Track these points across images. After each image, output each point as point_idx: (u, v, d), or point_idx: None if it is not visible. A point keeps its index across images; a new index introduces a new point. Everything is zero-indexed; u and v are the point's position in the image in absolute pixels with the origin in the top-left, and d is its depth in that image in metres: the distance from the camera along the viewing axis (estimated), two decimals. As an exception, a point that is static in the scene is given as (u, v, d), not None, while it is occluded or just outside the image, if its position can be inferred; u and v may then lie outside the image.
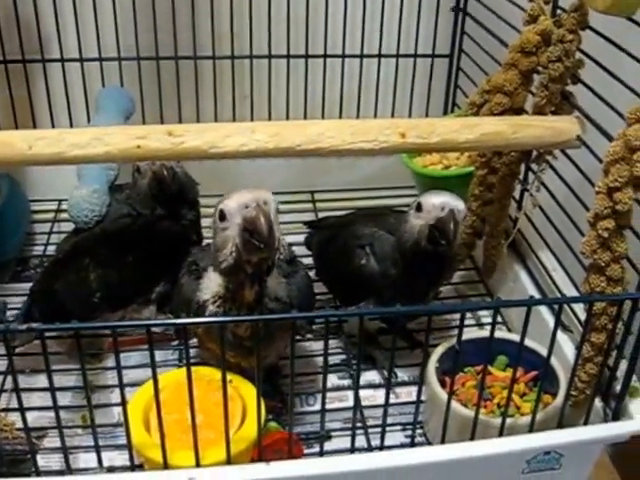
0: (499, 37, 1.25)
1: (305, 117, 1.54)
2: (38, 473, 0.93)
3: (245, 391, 0.98)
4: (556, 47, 1.01)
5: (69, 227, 1.29)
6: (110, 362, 1.20)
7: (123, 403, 0.83)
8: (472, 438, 0.89)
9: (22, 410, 0.83)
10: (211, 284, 0.98)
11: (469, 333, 1.11)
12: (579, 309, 1.03)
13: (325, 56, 1.49)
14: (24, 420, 0.83)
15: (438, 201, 1.02)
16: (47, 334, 0.79)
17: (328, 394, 1.13)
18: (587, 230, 0.89)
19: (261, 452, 0.87)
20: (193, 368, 1.02)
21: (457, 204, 1.02)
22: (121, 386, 0.81)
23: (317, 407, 1.12)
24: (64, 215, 1.49)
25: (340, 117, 1.55)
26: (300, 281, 1.03)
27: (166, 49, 1.44)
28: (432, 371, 1.02)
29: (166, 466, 0.85)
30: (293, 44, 1.48)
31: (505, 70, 1.10)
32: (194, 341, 1.08)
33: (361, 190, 1.61)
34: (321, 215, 1.48)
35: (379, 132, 0.96)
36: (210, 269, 0.99)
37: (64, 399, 1.12)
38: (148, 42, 1.43)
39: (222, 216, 0.90)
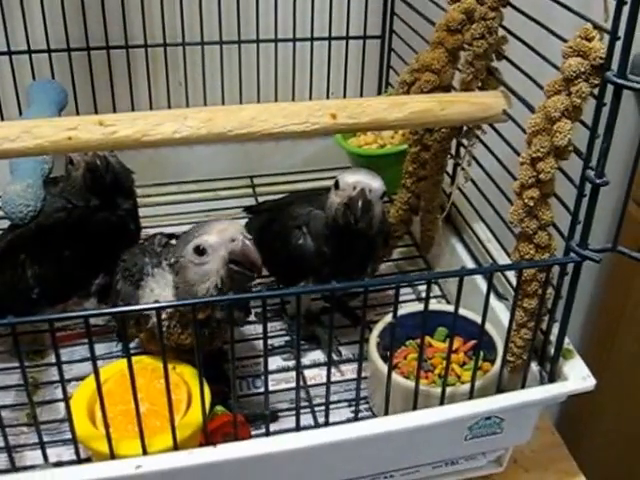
0: (428, 17, 1.27)
1: (241, 102, 1.54)
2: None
3: (189, 377, 0.98)
4: (479, 24, 1.03)
5: (4, 225, 1.27)
6: (54, 358, 1.19)
7: (65, 398, 0.83)
8: (414, 409, 0.92)
9: None
10: (156, 297, 0.98)
11: (408, 307, 1.14)
12: (512, 277, 1.06)
13: (258, 41, 1.50)
14: None
15: (352, 180, 1.05)
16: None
17: (274, 376, 1.15)
18: (514, 200, 0.92)
19: (208, 436, 0.88)
20: (136, 358, 1.04)
21: (370, 182, 1.04)
22: (62, 381, 0.81)
23: (263, 389, 1.13)
24: (-1, 213, 1.49)
25: (276, 101, 1.55)
26: None
27: (97, 39, 1.43)
28: (373, 346, 1.04)
29: (113, 456, 0.85)
30: (225, 30, 1.47)
31: (432, 49, 1.12)
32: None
33: (300, 173, 1.62)
34: (261, 200, 1.49)
35: (310, 114, 0.97)
36: (148, 279, 0.99)
37: (7, 398, 1.11)
38: (78, 33, 1.41)
39: (201, 251, 0.92)
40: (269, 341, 1.20)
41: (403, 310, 1.09)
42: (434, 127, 1.15)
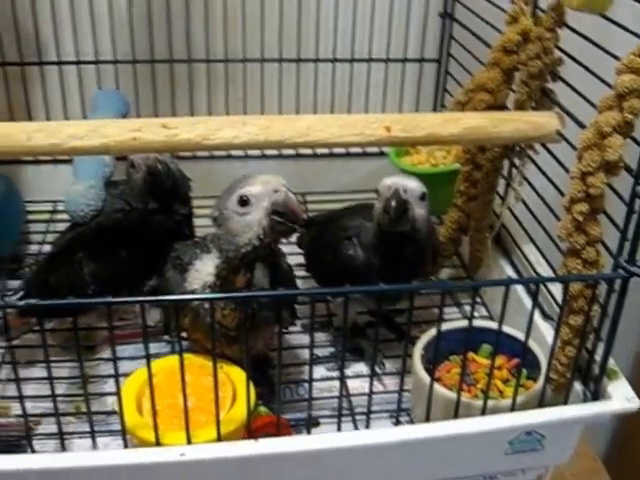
0: (484, 40, 1.29)
1: (297, 119, 1.57)
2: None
3: (235, 376, 1.01)
4: (535, 44, 1.05)
5: (64, 227, 1.32)
6: (103, 355, 1.23)
7: (118, 392, 0.87)
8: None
9: (21, 398, 0.86)
10: (200, 274, 1.02)
11: (453, 323, 1.14)
12: (559, 296, 1.06)
13: (316, 60, 1.54)
14: (23, 407, 0.87)
15: (387, 182, 1.08)
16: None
17: (317, 384, 1.17)
18: (563, 215, 0.92)
19: (251, 434, 0.90)
20: (185, 355, 1.07)
21: (405, 183, 1.06)
22: (116, 376, 0.86)
23: (306, 396, 1.15)
24: (59, 216, 1.53)
25: (331, 120, 1.59)
26: (283, 271, 1.07)
27: (161, 52, 1.48)
28: (417, 358, 1.05)
29: (158, 445, 0.88)
30: (285, 48, 1.52)
31: (488, 69, 1.14)
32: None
33: (352, 192, 1.64)
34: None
35: (365, 126, 0.99)
36: (195, 262, 1.03)
37: (58, 390, 1.14)
38: (144, 45, 1.47)
39: (244, 201, 0.95)
40: (314, 350, 1.21)
41: (448, 325, 1.10)
42: (487, 145, 1.16)
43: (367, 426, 0.96)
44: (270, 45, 1.51)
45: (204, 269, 1.01)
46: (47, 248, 1.44)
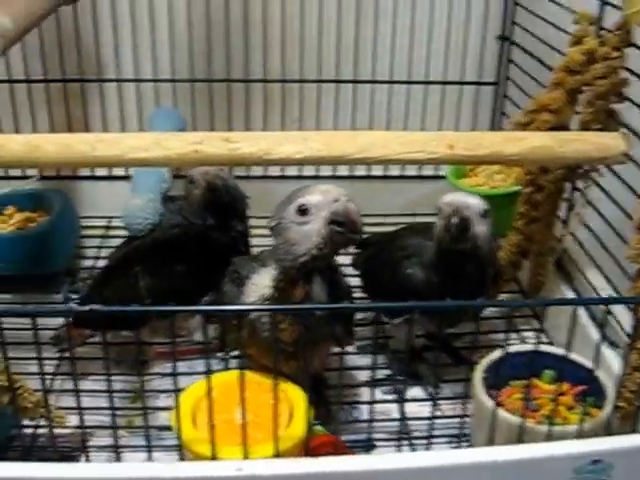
0: (545, 63, 1.27)
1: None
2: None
3: (293, 394, 0.99)
4: (602, 64, 1.03)
5: (118, 243, 1.33)
6: (155, 371, 1.23)
7: (177, 407, 0.85)
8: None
9: (80, 409, 0.86)
10: (257, 287, 1.01)
11: (515, 346, 1.11)
12: (626, 322, 1.03)
13: (372, 82, 1.54)
14: (81, 419, 0.87)
15: (448, 199, 1.07)
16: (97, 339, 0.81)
17: (374, 407, 1.14)
18: (632, 236, 0.89)
19: (308, 452, 0.88)
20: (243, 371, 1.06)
21: (466, 200, 1.06)
22: (176, 390, 0.86)
23: (361, 418, 1.13)
24: (113, 232, 1.55)
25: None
26: (341, 288, 1.05)
27: (219, 71, 1.50)
28: (478, 382, 1.02)
29: (214, 459, 0.87)
30: (342, 69, 1.52)
31: (551, 89, 1.12)
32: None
33: (407, 215, 1.63)
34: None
35: (426, 143, 0.98)
36: (253, 276, 1.02)
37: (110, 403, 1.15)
38: (202, 65, 1.49)
39: (303, 211, 0.94)
40: (370, 373, 1.19)
41: (510, 349, 1.07)
42: (549, 166, 1.14)
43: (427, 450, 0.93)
44: (327, 66, 1.52)
45: (261, 282, 1.00)
46: (101, 263, 1.45)
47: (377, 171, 1.63)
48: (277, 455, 0.86)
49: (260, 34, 1.48)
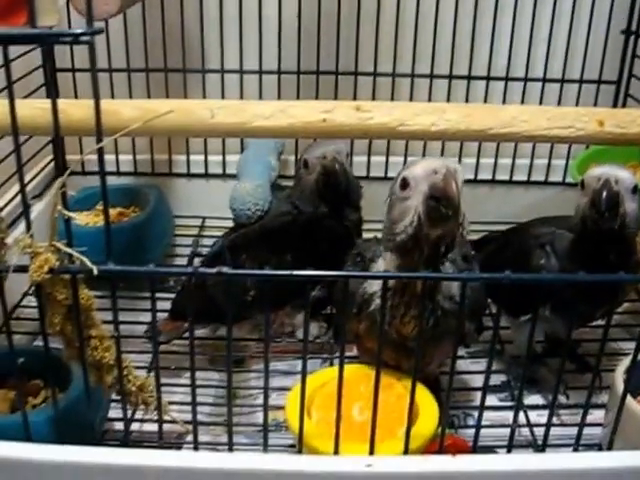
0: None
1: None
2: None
3: (417, 392, 0.90)
4: None
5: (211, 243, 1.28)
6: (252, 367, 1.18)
7: (302, 400, 0.79)
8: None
9: (194, 404, 0.79)
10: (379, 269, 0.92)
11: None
12: None
13: (488, 78, 1.46)
14: (194, 414, 0.80)
15: (596, 172, 0.96)
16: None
17: (489, 414, 1.06)
18: None
19: (442, 451, 0.80)
20: (358, 366, 0.98)
21: (616, 172, 0.94)
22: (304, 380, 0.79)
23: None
24: (207, 232, 1.49)
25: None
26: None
27: (327, 64, 1.44)
28: (620, 382, 0.91)
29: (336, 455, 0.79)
30: (456, 65, 1.45)
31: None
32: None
33: (513, 223, 1.54)
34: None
35: (576, 119, 0.89)
36: (378, 260, 0.93)
37: (207, 400, 1.10)
38: (309, 57, 1.43)
39: (404, 184, 0.85)
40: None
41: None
42: None
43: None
44: (440, 60, 1.45)
45: (383, 268, 0.92)
46: (195, 263, 1.39)
47: (484, 174, 1.55)
48: (405, 453, 0.79)
49: (373, 26, 1.42)
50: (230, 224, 1.22)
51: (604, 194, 0.92)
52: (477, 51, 1.44)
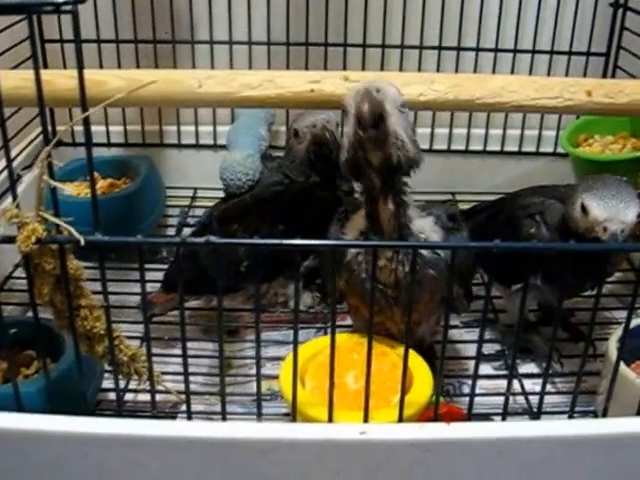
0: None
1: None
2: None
3: (411, 360, 0.91)
4: None
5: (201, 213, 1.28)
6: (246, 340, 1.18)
7: (295, 368, 0.79)
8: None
9: (186, 374, 0.80)
10: (354, 223, 0.93)
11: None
12: None
13: (477, 49, 1.45)
14: (187, 384, 0.81)
15: (602, 217, 0.92)
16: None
17: (484, 382, 1.07)
18: None
19: (437, 419, 0.81)
20: (352, 334, 0.98)
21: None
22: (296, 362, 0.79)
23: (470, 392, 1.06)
24: (199, 203, 1.49)
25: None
26: (461, 239, 0.96)
27: (316, 36, 1.43)
28: (613, 349, 0.93)
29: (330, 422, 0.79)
30: (444, 36, 1.45)
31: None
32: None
33: (504, 194, 1.54)
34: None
35: (564, 89, 0.90)
36: (359, 211, 0.93)
37: (199, 369, 1.10)
38: (298, 28, 1.42)
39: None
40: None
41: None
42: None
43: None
44: (430, 32, 1.45)
45: (360, 219, 0.92)
46: (184, 233, 1.39)
47: (475, 145, 1.55)
48: (399, 421, 0.79)
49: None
50: (222, 194, 1.22)
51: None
52: (466, 22, 1.44)
